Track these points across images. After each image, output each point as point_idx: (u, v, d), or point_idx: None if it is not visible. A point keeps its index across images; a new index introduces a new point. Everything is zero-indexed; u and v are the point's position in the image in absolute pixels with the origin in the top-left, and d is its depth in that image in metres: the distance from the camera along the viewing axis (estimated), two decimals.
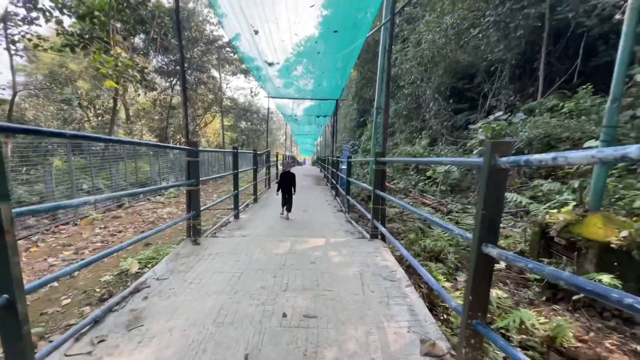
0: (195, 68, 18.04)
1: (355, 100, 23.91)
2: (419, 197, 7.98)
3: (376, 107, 7.64)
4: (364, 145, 18.04)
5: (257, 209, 6.65)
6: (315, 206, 7.04)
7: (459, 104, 10.30)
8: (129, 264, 4.03)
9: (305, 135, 26.54)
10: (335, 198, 8.19)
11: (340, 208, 6.80)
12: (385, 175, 3.57)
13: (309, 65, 9.09)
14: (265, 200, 7.85)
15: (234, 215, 5.49)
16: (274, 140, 46.84)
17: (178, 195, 10.83)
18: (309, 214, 6.15)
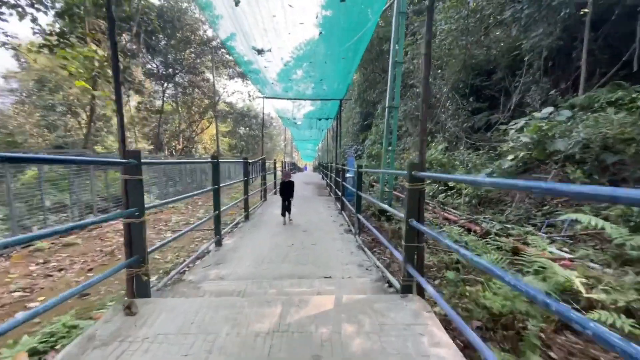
0: (188, 70, 17.04)
1: (358, 103, 22.85)
2: (439, 211, 6.79)
3: (388, 106, 6.52)
4: (369, 150, 16.90)
5: (248, 228, 5.47)
6: (319, 224, 5.86)
7: (476, 103, 9.15)
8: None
9: (306, 141, 25.46)
10: (341, 212, 7.01)
11: (348, 227, 5.62)
12: (423, 198, 2.39)
13: (309, 69, 8.06)
14: (260, 216, 6.67)
15: (216, 242, 4.31)
16: (274, 146, 45.85)
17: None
18: (311, 236, 4.97)
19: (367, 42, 6.39)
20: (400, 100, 13.87)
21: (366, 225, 4.52)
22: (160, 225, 6.89)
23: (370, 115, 21.19)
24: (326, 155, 27.59)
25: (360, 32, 5.84)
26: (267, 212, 7.18)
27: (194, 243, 5.55)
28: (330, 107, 10.36)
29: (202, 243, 5.54)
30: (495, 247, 4.18)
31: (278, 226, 5.73)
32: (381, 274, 3.34)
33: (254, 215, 6.80)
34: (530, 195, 5.45)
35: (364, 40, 6.32)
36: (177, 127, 23.89)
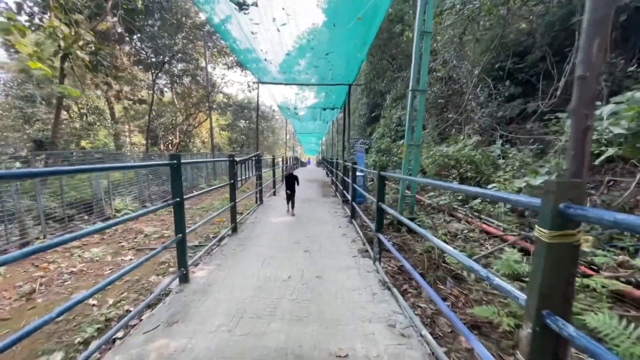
0: (182, 58, 15.68)
1: (365, 93, 21.37)
2: (471, 219, 5.48)
3: (411, 90, 5.17)
4: (377, 144, 15.53)
5: (233, 248, 4.21)
6: (325, 240, 4.60)
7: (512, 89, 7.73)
8: None
9: (309, 134, 24.12)
10: (352, 221, 5.74)
11: (363, 245, 4.34)
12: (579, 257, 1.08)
13: (312, 59, 6.79)
14: (251, 227, 5.41)
15: (180, 278, 3.06)
16: (276, 140, 44.48)
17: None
18: (315, 261, 3.71)
19: (381, 15, 5.07)
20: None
21: (390, 250, 3.23)
22: (127, 238, 5.58)
23: (378, 106, 19.75)
24: (330, 150, 26.26)
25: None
26: (261, 220, 5.92)
27: (157, 269, 4.26)
28: (336, 95, 9.02)
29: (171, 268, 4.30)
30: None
31: (273, 242, 4.47)
32: (428, 348, 2.07)
33: (244, 225, 5.55)
34: None
35: (377, 13, 5.00)
36: (174, 120, 22.63)
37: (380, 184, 3.45)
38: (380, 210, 3.47)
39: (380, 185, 3.45)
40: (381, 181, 3.45)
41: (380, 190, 3.45)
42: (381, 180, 3.45)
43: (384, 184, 3.48)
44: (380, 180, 3.44)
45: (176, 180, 2.85)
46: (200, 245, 4.81)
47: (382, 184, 3.46)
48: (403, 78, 14.59)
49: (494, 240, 4.74)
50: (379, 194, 3.45)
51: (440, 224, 5.59)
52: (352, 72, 7.09)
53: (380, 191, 3.45)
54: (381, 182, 3.45)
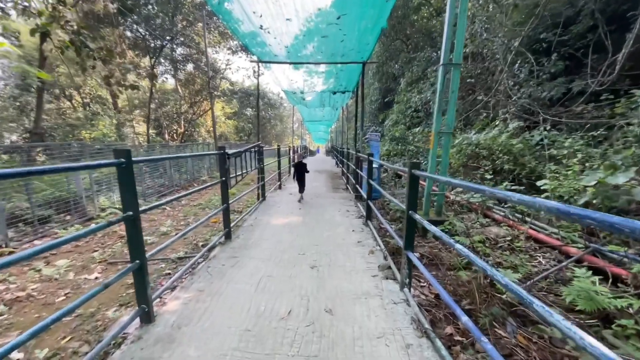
0: (182, 42, 14.72)
1: (377, 77, 20.11)
2: (517, 224, 4.54)
3: (443, 64, 4.17)
4: (391, 132, 14.46)
5: (223, 265, 3.41)
6: (336, 254, 3.74)
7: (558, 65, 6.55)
8: None
9: (318, 122, 23.05)
10: (367, 224, 4.87)
11: (385, 261, 3.48)
12: None
13: (321, 44, 5.83)
14: (249, 232, 4.60)
15: (142, 317, 2.27)
16: (284, 128, 43.46)
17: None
18: (323, 285, 2.87)
19: None
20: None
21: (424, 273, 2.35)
22: (106, 245, 4.77)
23: (391, 91, 18.53)
24: (340, 138, 25.21)
25: None
26: (261, 222, 5.10)
27: (124, 295, 3.43)
28: (347, 77, 7.99)
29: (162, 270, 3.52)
30: None
31: (272, 253, 3.65)
32: None
33: (241, 229, 4.74)
34: None
35: None
36: (178, 108, 21.90)
37: (413, 186, 2.55)
38: (411, 222, 2.58)
39: (412, 187, 2.55)
40: (414, 183, 2.54)
41: (413, 195, 2.55)
42: (414, 182, 2.54)
43: (416, 185, 2.58)
44: (412, 182, 2.54)
45: (126, 186, 2.01)
46: (185, 257, 4.02)
47: (414, 186, 2.56)
48: (420, 59, 13.37)
49: (548, 251, 3.80)
50: (409, 199, 2.55)
51: (473, 227, 4.67)
52: (367, 48, 6.06)
53: (413, 196, 2.55)
54: (414, 183, 2.55)
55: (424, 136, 11.93)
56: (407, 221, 2.59)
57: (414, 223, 2.60)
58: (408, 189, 2.56)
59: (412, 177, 2.53)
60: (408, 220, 2.58)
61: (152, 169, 9.16)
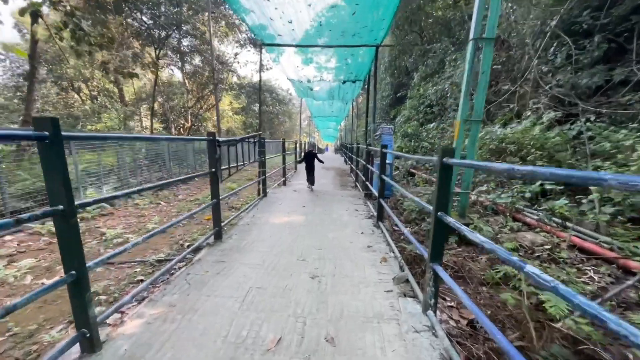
0: (187, 32, 14.26)
1: (389, 72, 19.36)
2: (556, 231, 3.88)
3: (473, 38, 3.55)
4: (403, 128, 13.74)
5: (206, 272, 2.87)
6: (342, 261, 3.16)
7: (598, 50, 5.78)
8: None
9: (327, 118, 22.44)
10: (379, 225, 4.27)
11: (401, 271, 2.87)
12: None
13: (331, 18, 5.29)
14: (244, 231, 4.05)
15: (82, 345, 1.72)
16: (293, 125, 42.94)
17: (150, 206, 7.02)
18: (325, 301, 2.30)
19: None
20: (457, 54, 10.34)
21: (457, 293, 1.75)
22: (84, 242, 4.30)
23: (404, 86, 17.76)
24: (350, 135, 24.56)
25: None
26: (259, 220, 4.55)
27: None
28: (358, 65, 7.36)
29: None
30: None
31: (267, 258, 3.10)
32: None
33: (235, 228, 4.20)
34: None
35: None
36: (185, 102, 21.59)
37: (444, 179, 1.95)
38: (441, 227, 1.98)
39: (444, 181, 1.94)
40: (446, 175, 1.94)
41: (444, 192, 1.95)
42: (446, 174, 1.94)
43: (450, 178, 1.97)
44: (444, 174, 1.93)
45: (53, 170, 1.46)
46: (165, 261, 3.49)
47: (446, 180, 1.95)
48: (436, 50, 12.60)
49: (600, 264, 3.13)
50: (439, 197, 1.95)
51: (502, 232, 4.02)
52: (382, 25, 5.43)
53: (444, 194, 1.95)
54: (446, 176, 1.94)
55: (438, 132, 11.22)
56: (435, 226, 1.99)
57: (444, 228, 2.00)
58: (438, 183, 1.96)
59: (444, 167, 1.92)
60: (437, 224, 1.98)
61: (150, 161, 8.73)
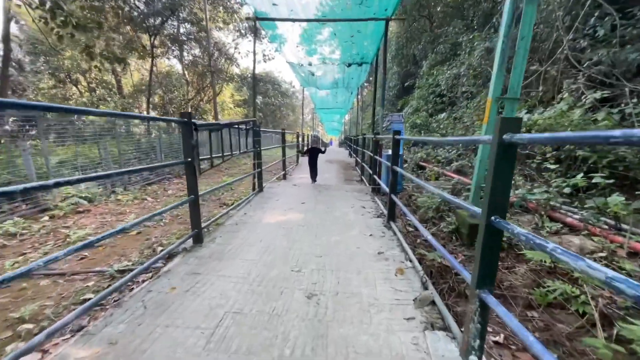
0: (184, 19, 13.54)
1: (396, 61, 18.51)
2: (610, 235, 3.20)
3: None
4: (411, 119, 12.98)
5: (173, 290, 2.25)
6: (347, 273, 2.53)
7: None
8: None
9: (331, 110, 21.71)
10: (390, 225, 3.63)
11: (424, 289, 2.23)
12: None
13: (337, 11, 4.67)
14: (231, 233, 3.44)
15: None
16: (297, 118, 42.16)
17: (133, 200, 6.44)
18: (323, 336, 1.65)
19: None
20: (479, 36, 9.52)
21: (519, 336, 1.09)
22: (47, 243, 3.62)
23: (412, 76, 16.93)
24: (354, 129, 23.80)
25: None
26: (251, 220, 3.93)
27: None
28: (365, 45, 6.63)
29: None
30: None
31: (253, 269, 2.48)
32: None
33: (221, 228, 3.58)
34: None
35: None
36: (185, 94, 20.99)
37: (503, 169, 1.28)
38: (494, 237, 1.32)
39: (502, 173, 1.28)
40: (506, 161, 1.28)
41: (501, 189, 1.29)
42: (506, 159, 1.27)
43: (509, 169, 1.30)
44: (503, 159, 1.27)
45: None
46: (128, 271, 2.87)
47: (506, 170, 1.29)
48: (447, 34, 11.77)
49: None
50: (492, 197, 1.30)
51: (538, 234, 3.32)
52: (388, 6, 4.73)
53: (500, 191, 1.29)
54: (505, 162, 1.28)
55: (450, 123, 10.47)
56: (485, 237, 1.34)
57: (498, 239, 1.34)
58: (492, 175, 1.29)
59: (503, 148, 1.25)
60: (488, 235, 1.33)
61: (141, 153, 8.16)
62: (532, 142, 1.10)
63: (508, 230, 1.21)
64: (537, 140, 1.08)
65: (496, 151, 1.27)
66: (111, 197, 6.14)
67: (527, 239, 1.08)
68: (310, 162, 6.86)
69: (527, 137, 1.12)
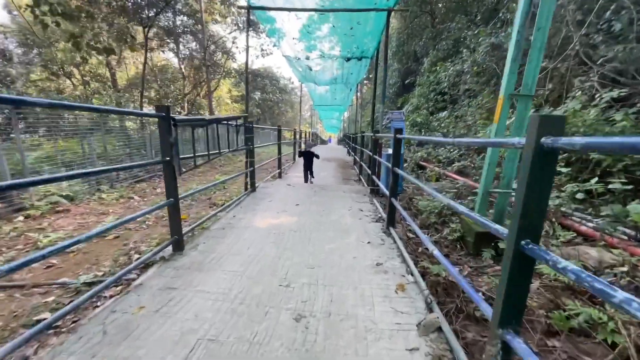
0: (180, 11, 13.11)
1: (396, 58, 18.18)
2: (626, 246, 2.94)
3: None
4: (412, 117, 12.69)
5: (134, 315, 1.97)
6: (342, 290, 2.26)
7: None
8: None
9: (329, 107, 21.36)
10: (389, 231, 3.37)
11: (428, 310, 1.96)
12: None
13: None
14: (216, 238, 3.16)
15: None
16: (296, 115, 41.76)
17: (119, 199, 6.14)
18: None
19: None
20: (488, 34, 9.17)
21: None
22: (14, 247, 3.34)
23: (412, 73, 16.62)
24: (353, 127, 23.50)
25: None
26: (239, 223, 3.65)
27: None
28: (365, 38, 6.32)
29: None
30: None
31: (235, 282, 2.20)
32: None
33: (206, 233, 3.29)
34: None
35: None
36: (181, 89, 20.60)
37: (539, 180, 1.00)
38: (526, 266, 1.04)
39: (537, 185, 1.00)
40: (543, 171, 0.99)
41: (535, 205, 1.01)
42: (543, 168, 0.99)
43: (548, 180, 1.02)
44: (539, 168, 0.99)
45: None
46: (94, 283, 2.57)
47: (544, 182, 1.01)
48: (450, 30, 11.46)
49: None
50: (524, 216, 1.01)
51: (549, 243, 3.09)
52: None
53: (534, 208, 1.01)
54: (543, 172, 1.00)
55: (452, 121, 10.20)
56: (512, 265, 1.06)
57: (529, 269, 1.07)
58: (525, 188, 1.01)
59: (541, 155, 0.98)
60: (516, 262, 1.05)
61: (132, 149, 7.85)
62: (587, 149, 0.81)
63: (546, 261, 0.94)
64: (595, 145, 0.81)
65: (531, 159, 0.99)
66: (95, 195, 5.83)
67: (579, 278, 0.80)
68: (305, 165, 6.83)
69: (580, 143, 0.83)
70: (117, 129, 9.13)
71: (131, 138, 8.86)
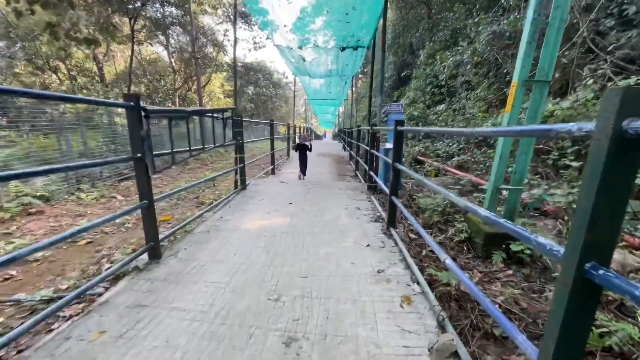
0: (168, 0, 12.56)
1: (392, 51, 17.80)
2: None
3: None
4: (408, 111, 12.40)
5: (95, 342, 1.66)
6: (339, 304, 1.98)
7: None
8: None
9: (324, 102, 20.95)
10: (390, 232, 3.09)
11: (440, 329, 1.68)
12: None
13: None
14: (199, 243, 2.86)
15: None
16: (290, 110, 41.22)
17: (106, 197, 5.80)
18: None
19: None
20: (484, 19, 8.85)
21: None
22: None
23: (408, 65, 16.29)
24: (349, 121, 23.17)
25: None
26: (226, 225, 3.34)
27: None
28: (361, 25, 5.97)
29: None
30: None
31: (217, 297, 1.91)
32: None
33: (187, 238, 2.98)
34: None
35: None
36: (172, 84, 20.05)
37: (614, 181, 0.71)
38: (589, 293, 0.76)
39: (613, 187, 0.70)
40: (619, 169, 0.70)
41: (607, 212, 0.72)
42: (618, 165, 0.70)
43: (629, 180, 0.72)
44: (614, 164, 0.69)
45: None
46: (52, 300, 2.24)
47: (622, 183, 0.71)
48: (449, 20, 11.15)
49: None
50: (592, 228, 0.72)
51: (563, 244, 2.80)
52: None
53: (604, 216, 0.71)
54: (619, 172, 0.70)
55: (449, 115, 9.94)
56: (571, 294, 0.78)
57: (594, 299, 0.79)
58: (597, 188, 0.72)
59: (620, 143, 0.69)
60: (577, 290, 0.77)
61: (117, 145, 7.46)
62: None
63: (629, 294, 0.66)
64: None
65: (606, 150, 0.70)
66: (75, 195, 5.46)
67: None
68: (300, 158, 6.85)
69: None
70: (105, 125, 8.73)
71: (118, 134, 8.46)
